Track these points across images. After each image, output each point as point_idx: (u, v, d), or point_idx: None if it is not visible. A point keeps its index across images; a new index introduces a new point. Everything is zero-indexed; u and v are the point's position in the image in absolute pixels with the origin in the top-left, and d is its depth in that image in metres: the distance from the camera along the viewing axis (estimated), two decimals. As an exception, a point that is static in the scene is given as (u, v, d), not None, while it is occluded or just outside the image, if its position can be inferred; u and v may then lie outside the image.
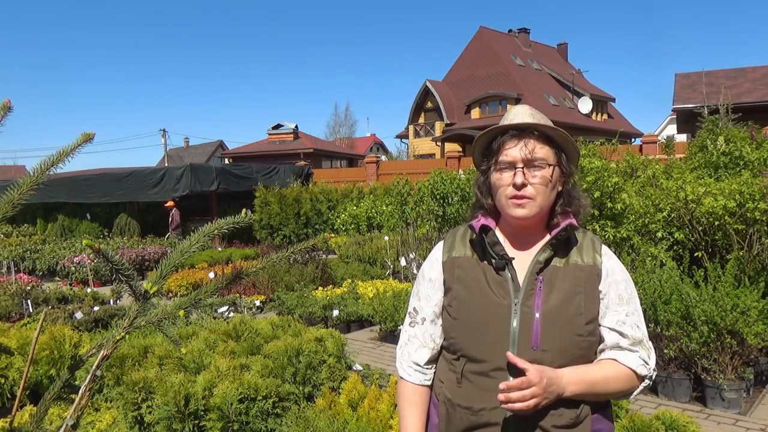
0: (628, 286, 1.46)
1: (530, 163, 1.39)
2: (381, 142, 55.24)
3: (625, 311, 1.43)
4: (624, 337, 1.41)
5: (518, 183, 1.39)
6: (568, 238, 1.46)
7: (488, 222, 1.47)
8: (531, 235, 1.48)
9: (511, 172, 1.40)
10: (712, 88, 18.72)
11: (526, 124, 1.41)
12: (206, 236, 1.17)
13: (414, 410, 1.55)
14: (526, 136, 1.41)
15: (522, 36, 39.94)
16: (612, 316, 1.42)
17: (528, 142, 1.40)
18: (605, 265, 1.44)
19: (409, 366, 1.57)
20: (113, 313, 6.45)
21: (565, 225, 1.42)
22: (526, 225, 1.46)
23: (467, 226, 1.53)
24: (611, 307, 1.42)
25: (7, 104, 1.10)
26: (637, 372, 1.40)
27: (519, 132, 1.41)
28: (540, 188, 1.40)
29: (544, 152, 1.41)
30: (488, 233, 1.45)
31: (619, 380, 1.39)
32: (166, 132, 43.15)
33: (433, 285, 1.55)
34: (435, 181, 9.92)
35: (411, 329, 1.58)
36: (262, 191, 15.48)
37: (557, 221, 1.46)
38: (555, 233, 1.43)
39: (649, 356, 1.43)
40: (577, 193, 1.49)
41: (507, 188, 1.41)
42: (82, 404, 1.15)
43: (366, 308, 6.91)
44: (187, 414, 3.27)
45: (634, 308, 1.44)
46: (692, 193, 5.52)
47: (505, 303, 1.40)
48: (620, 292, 1.43)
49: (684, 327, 4.42)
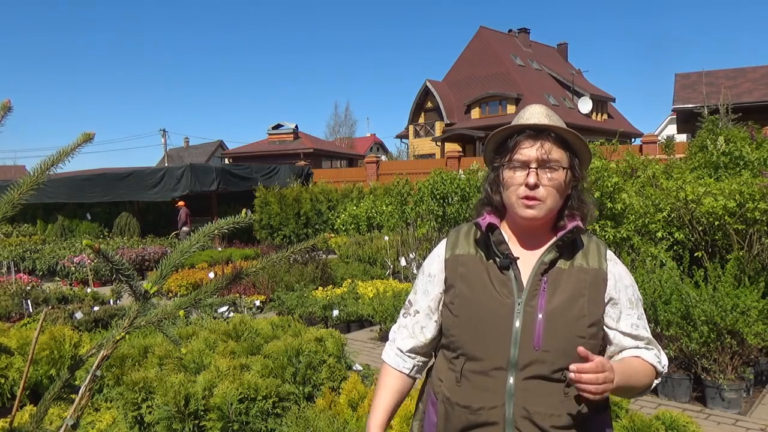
0: (636, 290, 1.50)
1: (544, 164, 1.40)
2: (381, 142, 55.24)
3: (636, 315, 1.47)
4: (640, 339, 1.47)
5: (531, 183, 1.38)
6: (573, 241, 1.46)
7: (494, 220, 1.47)
8: (537, 235, 1.48)
9: (525, 172, 1.40)
10: (712, 88, 18.72)
11: (545, 126, 1.41)
12: (206, 236, 1.18)
13: (384, 392, 1.59)
14: (543, 137, 1.41)
15: (522, 36, 39.93)
16: (626, 320, 1.46)
17: (545, 144, 1.40)
18: (612, 271, 1.46)
19: (391, 350, 1.62)
20: (113, 313, 6.46)
21: (571, 227, 1.43)
22: (533, 225, 1.46)
23: (472, 223, 1.53)
24: (624, 311, 1.46)
25: (7, 104, 1.10)
26: (656, 368, 1.47)
27: (536, 132, 1.42)
28: (551, 191, 1.40)
29: (559, 155, 1.41)
30: (494, 232, 1.45)
31: (645, 377, 1.44)
32: (166, 132, 43.18)
33: (432, 280, 1.55)
34: (435, 181, 9.91)
35: (403, 319, 1.63)
36: (262, 191, 15.48)
37: (564, 223, 1.46)
38: (561, 235, 1.43)
39: (660, 354, 1.49)
40: (585, 197, 1.50)
41: (519, 188, 1.41)
42: (82, 404, 1.15)
43: (366, 308, 6.91)
44: (187, 414, 3.27)
45: (641, 312, 1.50)
46: (692, 193, 5.52)
47: (508, 302, 1.40)
48: (630, 297, 1.47)
49: (684, 327, 4.42)
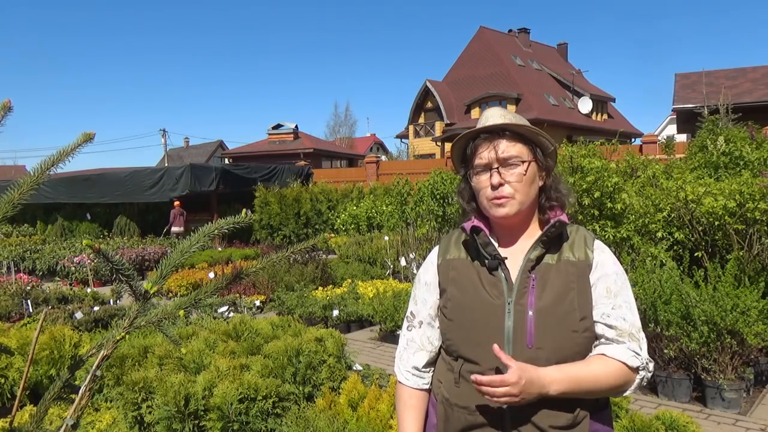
0: (618, 278, 1.44)
1: (504, 162, 1.42)
2: (381, 142, 55.25)
3: (612, 304, 1.40)
4: (610, 328, 1.39)
5: (495, 183, 1.42)
6: (559, 235, 1.46)
7: (479, 224, 1.48)
8: (521, 233, 1.49)
9: (488, 174, 1.44)
10: (712, 88, 18.72)
11: (495, 126, 1.44)
12: (206, 236, 1.18)
13: (412, 413, 1.56)
14: (497, 137, 1.44)
15: (522, 36, 39.93)
16: (598, 309, 1.41)
17: (499, 143, 1.43)
18: (596, 259, 1.44)
19: (407, 370, 1.58)
20: (113, 313, 6.45)
21: (554, 221, 1.43)
22: (512, 224, 1.48)
23: (460, 228, 1.55)
24: (599, 300, 1.41)
25: (8, 104, 1.10)
26: (628, 364, 1.37)
27: (489, 134, 1.45)
28: (517, 185, 1.42)
29: (517, 149, 1.43)
30: (479, 234, 1.46)
31: (610, 375, 1.36)
32: (166, 132, 43.25)
33: (428, 288, 1.57)
34: (435, 181, 9.93)
35: (409, 333, 1.60)
36: (262, 191, 15.49)
37: (547, 217, 1.47)
38: (545, 230, 1.43)
39: (640, 347, 1.39)
40: (559, 186, 1.51)
41: (486, 190, 1.44)
42: (82, 404, 1.15)
43: (366, 308, 6.91)
44: (187, 414, 3.28)
45: (623, 301, 1.42)
46: (692, 193, 5.52)
47: (499, 303, 1.41)
48: (609, 285, 1.42)
49: (684, 327, 4.42)
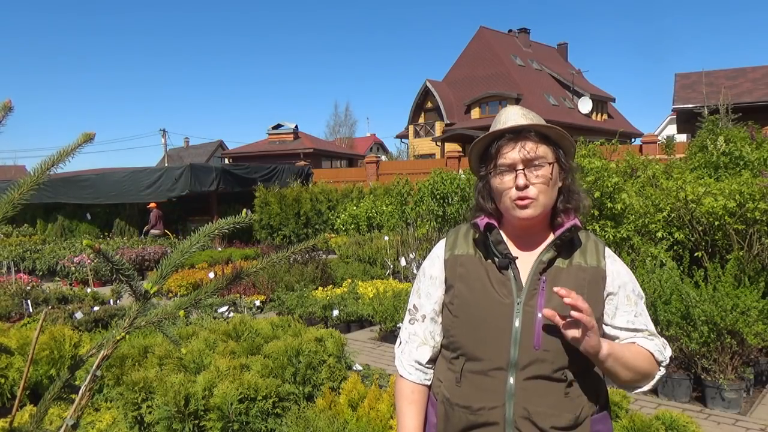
0: (635, 287, 1.49)
1: (530, 164, 1.40)
2: (381, 142, 55.24)
3: (634, 312, 1.46)
4: (639, 331, 1.46)
5: (521, 184, 1.39)
6: (571, 239, 1.46)
7: (493, 221, 1.47)
8: (534, 235, 1.48)
9: (512, 175, 1.41)
10: (712, 88, 18.71)
11: (522, 126, 1.42)
12: (206, 236, 1.17)
13: (413, 408, 1.54)
14: (523, 137, 1.42)
15: (522, 36, 39.94)
16: (622, 317, 1.46)
17: (525, 143, 1.41)
18: (610, 268, 1.46)
19: (410, 365, 1.56)
20: (113, 313, 6.45)
21: (569, 226, 1.43)
22: (530, 225, 1.46)
23: (471, 224, 1.53)
24: (620, 308, 1.46)
25: (8, 104, 1.10)
26: (655, 356, 1.45)
27: (516, 134, 1.42)
28: (542, 187, 1.40)
29: (542, 151, 1.41)
30: (492, 231, 1.46)
31: (643, 360, 1.42)
32: (166, 132, 43.24)
33: (433, 282, 1.54)
34: (435, 181, 9.92)
35: (411, 326, 1.57)
36: (262, 191, 15.47)
37: (561, 221, 1.47)
38: (559, 234, 1.43)
39: (664, 345, 1.48)
40: (576, 188, 1.50)
41: (510, 191, 1.41)
42: (82, 404, 1.15)
43: (366, 308, 6.91)
44: (187, 414, 3.27)
45: (641, 309, 1.48)
46: (692, 193, 5.52)
47: (508, 302, 1.40)
48: (628, 293, 1.47)
49: (684, 327, 4.42)
